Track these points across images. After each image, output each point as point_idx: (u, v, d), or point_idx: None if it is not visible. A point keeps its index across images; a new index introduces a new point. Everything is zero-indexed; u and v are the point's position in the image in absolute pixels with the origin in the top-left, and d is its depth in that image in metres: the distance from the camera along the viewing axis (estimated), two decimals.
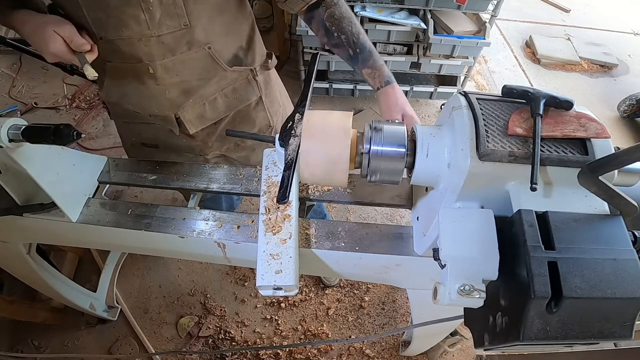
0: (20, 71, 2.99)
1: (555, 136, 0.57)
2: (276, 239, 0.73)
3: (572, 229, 0.53)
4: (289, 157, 0.65)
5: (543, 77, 3.10)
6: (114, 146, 2.49)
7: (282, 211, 0.76)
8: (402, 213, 2.16)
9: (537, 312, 0.48)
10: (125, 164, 1.02)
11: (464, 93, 0.64)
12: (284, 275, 0.69)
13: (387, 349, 1.72)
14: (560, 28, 3.60)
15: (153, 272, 1.93)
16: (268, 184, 0.81)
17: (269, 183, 0.81)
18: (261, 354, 1.67)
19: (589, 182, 0.53)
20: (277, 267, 0.70)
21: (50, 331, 1.72)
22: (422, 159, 0.64)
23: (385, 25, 2.08)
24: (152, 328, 1.77)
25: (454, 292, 0.55)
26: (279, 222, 0.75)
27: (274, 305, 1.83)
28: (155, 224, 0.88)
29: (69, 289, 1.50)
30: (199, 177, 0.97)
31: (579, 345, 0.52)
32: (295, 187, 0.76)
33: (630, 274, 0.49)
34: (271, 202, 0.77)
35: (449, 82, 2.49)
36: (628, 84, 3.10)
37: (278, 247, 0.72)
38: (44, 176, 0.81)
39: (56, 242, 1.17)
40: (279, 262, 0.71)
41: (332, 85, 2.44)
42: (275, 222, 0.75)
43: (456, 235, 0.57)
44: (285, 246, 0.72)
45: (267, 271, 0.70)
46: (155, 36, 0.81)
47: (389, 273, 0.87)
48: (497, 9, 2.08)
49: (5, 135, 0.71)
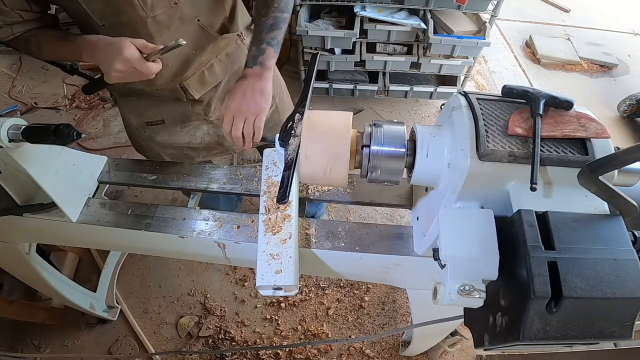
0: (20, 71, 2.99)
1: (555, 136, 0.58)
2: (276, 239, 0.73)
3: (572, 229, 0.53)
4: (289, 157, 0.65)
5: (543, 77, 3.10)
6: (114, 146, 2.49)
7: (282, 211, 0.76)
8: (402, 213, 2.16)
9: (537, 312, 0.48)
10: (125, 164, 1.02)
11: (464, 93, 0.64)
12: (283, 276, 0.69)
13: (387, 349, 1.72)
14: (560, 28, 3.59)
15: (153, 272, 1.93)
16: (268, 184, 0.81)
17: (269, 183, 0.81)
18: (261, 354, 1.67)
19: (589, 182, 0.53)
20: (277, 267, 0.70)
21: (50, 331, 1.72)
22: (422, 159, 0.64)
23: (385, 25, 2.08)
24: (152, 328, 1.77)
25: (454, 292, 0.55)
26: (279, 222, 0.75)
27: (274, 305, 1.83)
28: (155, 224, 0.88)
29: (69, 289, 1.49)
30: (199, 177, 0.97)
31: (579, 345, 0.52)
32: (295, 187, 0.76)
33: (630, 274, 0.49)
34: (271, 202, 0.77)
35: (449, 82, 2.49)
36: (628, 84, 3.09)
37: (278, 247, 0.72)
38: (44, 176, 0.81)
39: (56, 242, 1.17)
40: (278, 262, 0.71)
41: (332, 85, 2.44)
42: (275, 222, 0.75)
43: (456, 235, 0.57)
44: (285, 246, 0.72)
45: (267, 271, 0.70)
46: (151, 17, 0.90)
47: (389, 273, 0.87)
48: (497, 9, 2.08)
49: (5, 135, 0.71)
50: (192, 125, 1.20)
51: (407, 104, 2.74)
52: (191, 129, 1.21)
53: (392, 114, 2.69)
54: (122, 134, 2.57)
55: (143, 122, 1.18)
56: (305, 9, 2.18)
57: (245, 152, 2.43)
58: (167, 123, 1.18)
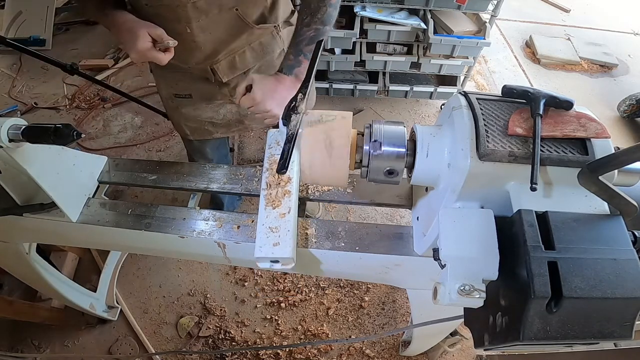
0: (20, 71, 2.99)
1: (555, 136, 0.57)
2: (275, 213, 0.75)
3: (572, 229, 0.53)
4: (290, 132, 0.69)
5: (543, 77, 3.10)
6: (114, 146, 2.50)
7: (282, 187, 0.78)
8: (402, 213, 2.16)
9: (537, 312, 0.48)
10: (125, 164, 1.02)
11: (464, 93, 0.64)
12: (281, 248, 0.71)
13: (387, 349, 1.72)
14: (560, 28, 3.60)
15: (153, 272, 1.93)
16: (270, 161, 0.83)
17: (271, 161, 0.83)
18: (261, 354, 1.67)
19: (589, 182, 0.53)
20: (275, 239, 0.72)
21: (50, 331, 1.72)
22: (422, 159, 0.65)
23: (385, 25, 2.08)
24: (152, 328, 1.77)
25: (454, 292, 0.55)
26: (279, 197, 0.77)
27: (274, 305, 1.83)
28: (155, 224, 0.88)
29: (69, 289, 1.49)
30: (199, 177, 0.97)
31: (579, 345, 0.52)
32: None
33: (630, 274, 0.49)
34: (272, 178, 0.79)
35: (449, 82, 2.49)
36: (628, 84, 3.09)
37: (277, 220, 0.74)
38: (44, 176, 0.81)
39: (56, 242, 1.17)
40: (277, 235, 0.72)
41: (332, 85, 2.44)
42: (275, 197, 0.77)
43: (456, 235, 0.57)
44: (284, 220, 0.74)
45: (265, 243, 0.72)
46: (191, 2, 0.95)
47: (389, 273, 0.87)
48: (497, 9, 2.08)
49: (5, 135, 0.71)
50: (217, 103, 1.27)
51: (407, 104, 2.74)
52: (215, 106, 1.27)
53: (392, 114, 2.69)
54: (122, 134, 2.58)
55: (172, 94, 1.26)
56: None
57: (245, 152, 2.43)
58: (194, 98, 1.25)
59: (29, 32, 3.13)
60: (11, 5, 3.20)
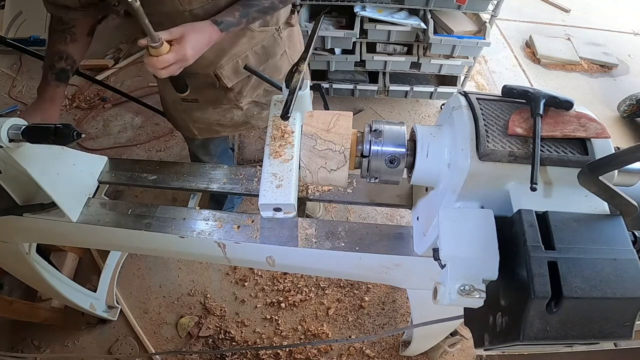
0: (20, 71, 2.99)
1: (555, 136, 0.57)
2: (278, 161, 0.79)
3: (572, 229, 0.53)
4: (292, 87, 0.77)
5: (543, 77, 3.10)
6: (114, 146, 2.49)
7: (285, 139, 0.82)
8: (402, 213, 2.16)
9: (537, 312, 0.48)
10: (125, 164, 1.02)
11: (464, 93, 0.64)
12: (283, 191, 0.74)
13: (387, 349, 1.72)
14: (560, 28, 3.59)
15: (153, 272, 1.93)
16: (274, 118, 0.87)
17: (275, 118, 0.87)
18: (261, 354, 1.67)
19: (589, 182, 0.53)
20: (277, 183, 0.75)
21: (50, 331, 1.72)
22: (422, 159, 0.65)
23: (385, 25, 2.07)
24: (152, 328, 1.77)
25: (454, 292, 0.55)
26: (282, 148, 0.81)
27: (274, 305, 1.83)
28: (155, 224, 0.88)
29: (69, 289, 1.49)
30: (199, 177, 0.97)
31: (579, 345, 0.52)
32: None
33: (630, 274, 0.49)
34: (276, 132, 0.83)
35: (449, 82, 2.49)
36: (628, 84, 3.09)
37: (280, 167, 0.78)
38: (44, 176, 0.81)
39: (56, 242, 1.17)
40: (279, 179, 0.76)
41: (332, 85, 2.44)
42: (278, 148, 0.80)
43: (456, 235, 0.57)
44: (286, 166, 0.78)
45: (269, 188, 0.75)
46: (188, 11, 0.95)
47: (389, 273, 0.87)
48: (497, 9, 2.08)
49: (5, 135, 0.71)
50: (224, 107, 1.28)
51: (407, 104, 2.74)
52: (222, 110, 1.29)
53: (392, 114, 2.69)
54: (122, 133, 2.58)
55: (179, 98, 1.24)
56: (305, 9, 2.17)
57: (245, 152, 2.43)
58: (201, 102, 1.26)
59: (29, 32, 3.12)
60: (11, 5, 3.20)
